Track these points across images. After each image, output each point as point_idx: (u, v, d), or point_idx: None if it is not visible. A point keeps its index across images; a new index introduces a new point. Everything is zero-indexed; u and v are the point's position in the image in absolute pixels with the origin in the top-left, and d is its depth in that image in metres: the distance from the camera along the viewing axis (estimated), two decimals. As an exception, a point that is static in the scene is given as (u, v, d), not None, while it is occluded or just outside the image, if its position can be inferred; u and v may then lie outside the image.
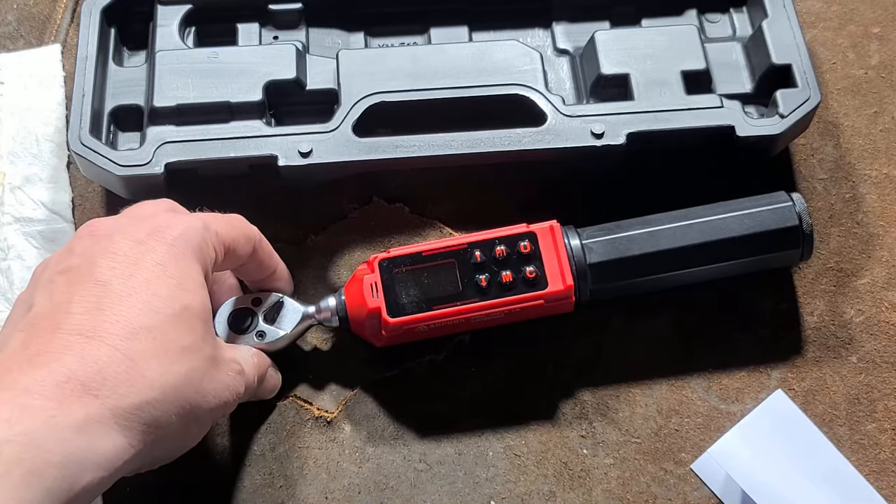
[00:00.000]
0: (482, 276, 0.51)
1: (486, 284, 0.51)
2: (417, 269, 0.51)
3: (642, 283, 0.54)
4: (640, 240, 0.53)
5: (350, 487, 0.54)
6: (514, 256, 0.51)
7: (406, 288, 0.50)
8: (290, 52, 0.61)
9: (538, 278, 0.51)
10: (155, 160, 0.57)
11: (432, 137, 0.58)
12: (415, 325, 0.50)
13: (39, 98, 0.66)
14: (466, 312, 0.51)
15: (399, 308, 0.50)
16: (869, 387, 0.57)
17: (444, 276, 0.51)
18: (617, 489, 0.55)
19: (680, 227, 0.54)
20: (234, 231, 0.49)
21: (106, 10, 0.63)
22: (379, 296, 0.50)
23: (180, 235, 0.45)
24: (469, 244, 0.51)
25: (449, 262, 0.51)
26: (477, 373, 0.58)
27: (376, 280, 0.50)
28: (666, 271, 0.54)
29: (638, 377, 0.58)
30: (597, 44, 0.62)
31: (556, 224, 0.53)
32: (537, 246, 0.51)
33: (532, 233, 0.52)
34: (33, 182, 0.63)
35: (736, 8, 0.67)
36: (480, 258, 0.51)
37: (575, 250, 0.52)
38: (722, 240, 0.54)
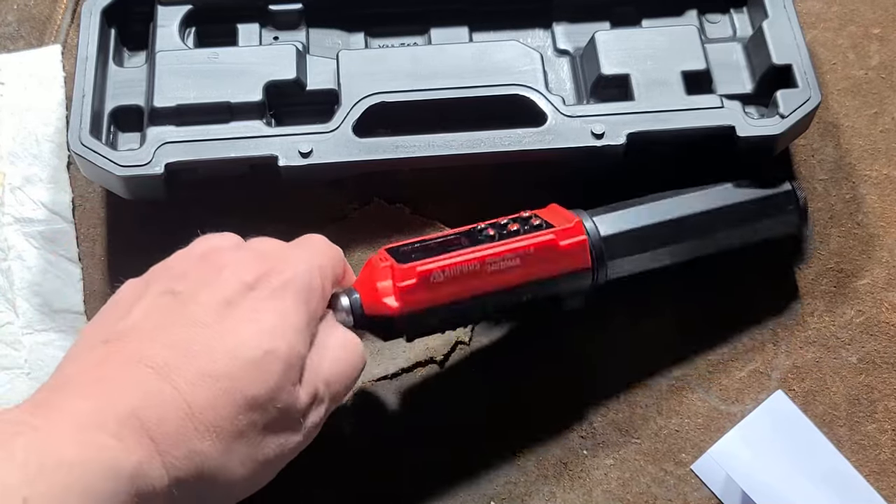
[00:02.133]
0: (490, 230, 0.51)
1: (493, 233, 0.50)
2: (426, 245, 0.50)
3: (652, 255, 0.55)
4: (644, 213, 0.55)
5: (350, 488, 0.54)
6: (525, 228, 0.51)
7: (416, 254, 0.49)
8: (290, 52, 0.61)
9: (544, 226, 0.51)
10: (155, 160, 0.57)
11: (432, 138, 0.58)
12: (427, 272, 0.48)
13: (40, 98, 0.66)
14: (478, 255, 0.49)
15: (409, 258, 0.48)
16: (869, 387, 0.57)
17: (452, 244, 0.50)
18: (617, 490, 0.55)
19: (684, 197, 0.57)
20: (336, 263, 0.49)
21: (106, 10, 0.63)
22: (388, 261, 0.48)
23: (287, 282, 0.44)
24: (479, 226, 0.52)
25: (458, 240, 0.50)
26: (477, 373, 0.58)
27: (384, 256, 0.49)
28: (676, 241, 0.55)
29: (638, 377, 0.58)
30: (597, 44, 0.62)
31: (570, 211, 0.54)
32: (546, 220, 0.52)
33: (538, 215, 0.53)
34: (33, 182, 0.63)
35: (736, 8, 0.67)
36: (491, 230, 0.51)
37: (588, 225, 0.53)
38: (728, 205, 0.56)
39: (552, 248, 0.50)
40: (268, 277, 0.43)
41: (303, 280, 0.44)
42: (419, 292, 0.47)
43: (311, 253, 0.47)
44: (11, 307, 0.59)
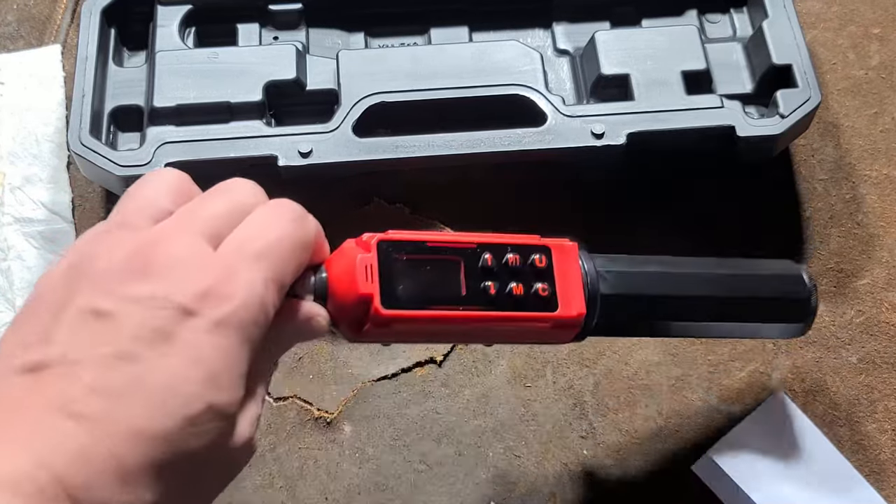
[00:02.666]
0: (491, 283, 0.44)
1: (494, 293, 0.44)
2: (420, 260, 0.43)
3: (648, 325, 0.50)
4: (655, 280, 0.49)
5: (350, 488, 0.54)
6: (527, 269, 0.45)
7: (405, 278, 0.43)
8: (290, 52, 0.61)
9: (550, 298, 0.44)
10: (155, 160, 0.57)
11: (432, 137, 0.58)
12: (407, 322, 0.42)
13: (39, 98, 0.66)
14: (467, 320, 0.43)
15: (395, 299, 0.42)
16: (869, 387, 0.57)
17: (448, 273, 0.44)
18: (617, 490, 0.55)
19: (701, 274, 0.50)
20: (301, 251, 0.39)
21: (106, 10, 0.63)
22: (374, 281, 0.42)
23: (232, 314, 0.35)
24: (478, 245, 0.44)
25: (455, 260, 0.44)
26: (477, 373, 0.58)
27: (373, 262, 0.42)
28: (677, 318, 0.49)
29: (638, 378, 0.58)
30: (597, 44, 0.62)
31: (572, 244, 0.46)
32: (551, 262, 0.45)
33: (547, 247, 0.45)
34: (33, 182, 0.63)
35: (736, 8, 0.67)
36: (491, 262, 0.44)
37: (590, 276, 0.46)
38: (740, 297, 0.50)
39: (541, 332, 0.45)
40: (209, 302, 0.35)
41: (250, 313, 0.36)
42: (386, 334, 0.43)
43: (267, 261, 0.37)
44: (11, 307, 0.59)
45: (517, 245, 0.45)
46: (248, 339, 0.36)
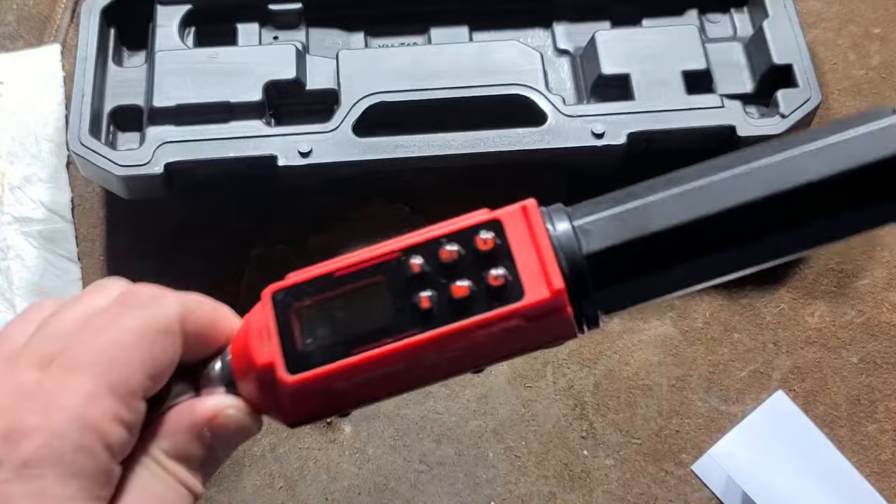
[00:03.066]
0: (423, 294, 0.33)
1: (428, 305, 0.33)
2: (328, 299, 0.34)
3: (678, 276, 0.34)
4: (665, 206, 0.33)
5: (350, 489, 0.54)
6: (470, 259, 0.33)
7: (312, 327, 0.33)
8: (289, 52, 0.61)
9: (508, 285, 0.33)
10: (154, 160, 0.57)
11: (432, 137, 0.58)
12: (329, 382, 0.33)
13: (39, 98, 0.66)
14: (405, 353, 0.33)
15: (302, 358, 0.33)
16: (870, 388, 0.57)
17: (369, 302, 0.34)
18: (618, 490, 0.54)
19: (727, 178, 0.33)
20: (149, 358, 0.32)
21: (106, 10, 0.63)
22: (272, 343, 0.33)
23: (38, 448, 0.29)
24: (403, 250, 0.34)
25: (375, 282, 0.34)
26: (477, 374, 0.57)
27: (268, 321, 0.33)
28: (716, 250, 0.33)
29: (639, 378, 0.57)
30: (597, 44, 0.62)
31: (531, 203, 0.34)
32: (504, 239, 0.33)
33: (495, 220, 0.34)
34: (32, 182, 0.63)
35: (737, 8, 0.67)
36: (419, 268, 0.33)
37: (563, 238, 0.33)
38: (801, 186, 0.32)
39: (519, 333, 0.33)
40: (9, 444, 0.29)
41: (66, 440, 0.29)
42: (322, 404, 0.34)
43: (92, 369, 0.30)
44: (11, 307, 0.59)
45: (454, 233, 0.34)
46: (73, 472, 0.29)
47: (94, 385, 0.30)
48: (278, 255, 0.60)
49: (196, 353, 0.34)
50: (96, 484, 0.30)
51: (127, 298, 0.32)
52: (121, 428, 0.30)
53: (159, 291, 0.33)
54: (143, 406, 0.31)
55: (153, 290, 0.33)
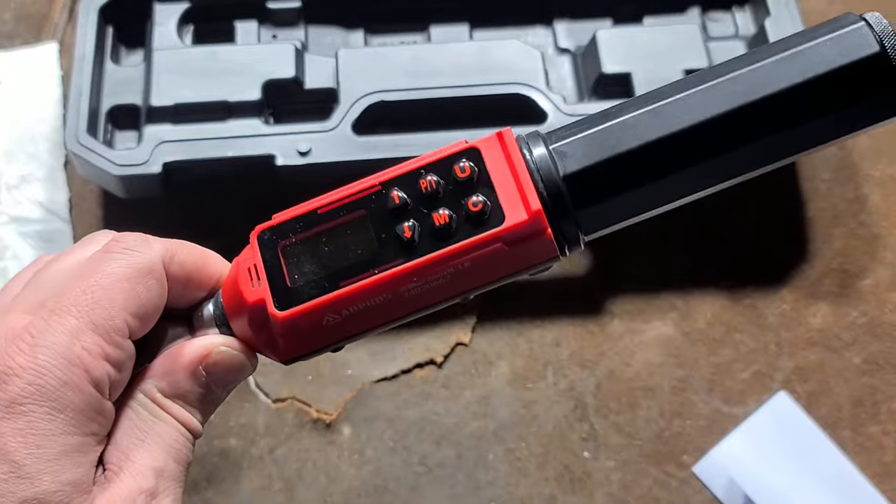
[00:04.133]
0: (405, 224, 0.34)
1: (410, 235, 0.34)
2: (314, 235, 0.35)
3: (655, 192, 0.35)
4: (638, 124, 0.34)
5: (349, 490, 0.54)
6: (450, 187, 0.34)
7: (299, 264, 0.35)
8: (288, 50, 0.61)
9: (487, 210, 0.33)
10: (152, 159, 0.56)
11: (432, 136, 0.58)
12: (319, 315, 0.34)
13: (36, 97, 0.65)
14: (391, 282, 0.34)
15: (291, 294, 0.34)
16: (873, 389, 0.57)
17: (352, 236, 0.35)
18: (619, 492, 0.54)
19: (697, 92, 0.34)
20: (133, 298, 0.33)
21: (103, 8, 0.62)
22: (262, 282, 0.34)
23: (25, 386, 0.30)
24: (383, 183, 0.35)
25: (357, 216, 0.35)
26: (477, 375, 0.57)
27: (256, 261, 0.35)
28: (689, 165, 0.34)
29: (640, 379, 0.57)
30: (598, 42, 0.62)
31: (506, 130, 0.35)
32: (482, 166, 0.34)
33: (473, 149, 0.34)
34: (30, 181, 0.63)
35: (739, 6, 0.66)
36: (399, 200, 0.34)
37: (539, 161, 0.34)
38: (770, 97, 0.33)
39: (501, 258, 0.34)
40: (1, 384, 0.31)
41: (52, 378, 0.31)
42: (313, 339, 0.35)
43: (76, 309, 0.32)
44: (7, 307, 0.59)
45: (432, 163, 0.35)
46: (60, 407, 0.31)
47: (77, 323, 0.31)
48: (277, 255, 0.60)
49: (186, 296, 0.35)
50: (85, 418, 0.31)
51: (111, 246, 0.33)
52: (107, 364, 0.31)
53: (143, 237, 0.34)
54: (129, 345, 0.32)
55: (137, 236, 0.34)
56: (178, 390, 0.33)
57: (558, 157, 0.34)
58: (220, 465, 0.55)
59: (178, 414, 0.33)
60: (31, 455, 0.30)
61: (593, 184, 0.34)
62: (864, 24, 0.33)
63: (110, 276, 0.32)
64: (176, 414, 0.33)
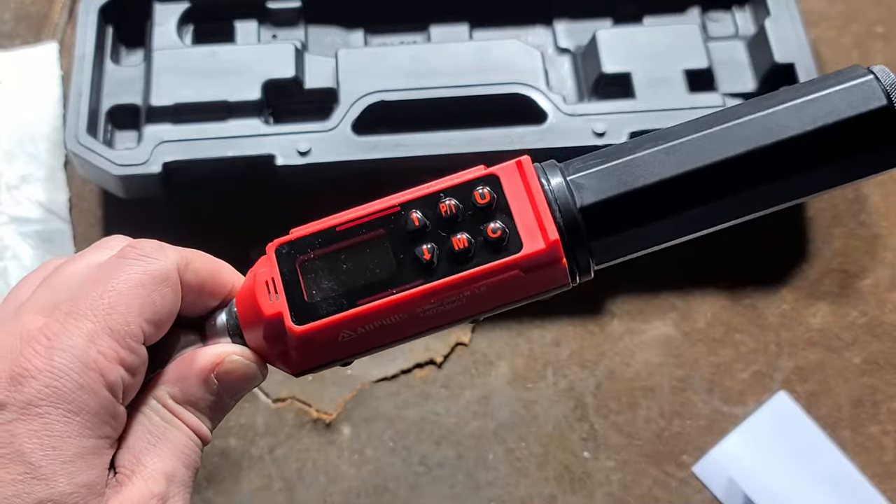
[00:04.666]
0: (424, 247, 0.35)
1: (430, 258, 0.35)
2: (332, 252, 0.36)
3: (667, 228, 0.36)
4: (654, 161, 0.35)
5: (349, 490, 0.54)
6: (469, 212, 0.35)
7: (317, 280, 0.35)
8: (288, 50, 0.61)
9: (506, 237, 0.35)
10: (152, 159, 0.56)
11: (432, 136, 0.58)
12: (336, 332, 0.35)
13: (36, 97, 0.65)
14: (408, 303, 0.35)
15: (308, 309, 0.35)
16: (873, 389, 0.57)
17: (371, 255, 0.36)
18: (619, 492, 0.54)
19: (711, 134, 0.35)
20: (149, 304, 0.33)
21: (103, 8, 0.62)
22: (279, 296, 0.35)
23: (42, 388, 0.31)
24: (402, 204, 0.36)
25: (377, 235, 0.36)
26: (477, 375, 0.57)
27: (274, 274, 0.35)
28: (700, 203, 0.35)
29: (640, 379, 0.57)
30: (598, 42, 0.62)
31: (525, 159, 0.36)
32: (501, 193, 0.35)
33: (492, 175, 0.36)
34: (30, 181, 0.63)
35: (739, 6, 0.66)
36: (419, 222, 0.35)
37: (557, 191, 0.35)
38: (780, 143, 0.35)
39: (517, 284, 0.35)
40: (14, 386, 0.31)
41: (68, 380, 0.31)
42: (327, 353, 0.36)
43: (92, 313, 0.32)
44: None
45: (452, 187, 0.36)
46: (75, 409, 0.31)
47: (94, 328, 0.31)
48: (277, 255, 0.60)
49: (199, 304, 0.36)
50: (99, 421, 0.31)
51: (127, 252, 0.34)
52: (121, 369, 0.32)
53: (159, 245, 0.34)
54: (143, 351, 0.32)
55: (153, 243, 0.34)
56: (190, 397, 0.34)
57: (575, 189, 0.35)
58: (220, 464, 0.55)
59: (189, 420, 0.34)
60: (46, 457, 0.31)
61: (609, 216, 0.35)
62: (872, 77, 0.35)
63: (127, 281, 0.33)
64: (187, 420, 0.34)
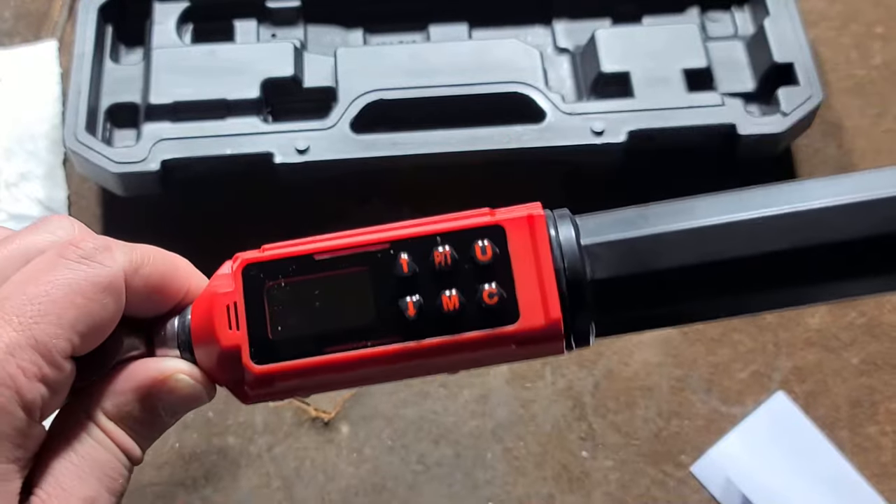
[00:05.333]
0: (410, 300, 0.30)
1: (414, 314, 0.30)
2: (305, 283, 0.31)
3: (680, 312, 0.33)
4: (679, 243, 0.31)
5: (347, 489, 0.54)
6: (466, 266, 0.31)
7: (284, 314, 0.31)
8: (287, 49, 0.61)
9: (503, 305, 0.30)
10: (151, 157, 0.56)
11: (431, 135, 0.58)
12: (297, 376, 0.31)
13: (35, 95, 0.65)
14: (383, 360, 0.30)
15: (271, 348, 0.31)
16: (870, 389, 0.57)
17: (348, 295, 0.31)
18: (617, 492, 0.54)
19: (746, 222, 0.31)
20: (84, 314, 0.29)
21: (103, 7, 0.62)
22: (240, 325, 0.31)
23: None
24: (392, 242, 0.31)
25: (358, 272, 0.31)
26: (476, 374, 0.57)
27: (237, 299, 0.31)
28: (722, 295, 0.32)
29: (638, 379, 0.57)
30: (597, 41, 0.62)
31: (537, 212, 0.32)
32: (505, 249, 0.31)
33: (498, 227, 0.31)
34: (29, 179, 0.63)
35: (738, 6, 0.66)
36: (408, 268, 0.31)
37: (568, 256, 0.31)
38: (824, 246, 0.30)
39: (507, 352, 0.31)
40: None
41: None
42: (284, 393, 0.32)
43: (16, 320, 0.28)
44: None
45: (451, 232, 0.31)
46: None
47: (17, 337, 0.27)
48: (275, 254, 0.60)
49: (147, 307, 0.31)
50: (11, 445, 0.28)
51: (68, 251, 0.29)
52: (42, 386, 0.28)
53: (104, 244, 0.30)
54: (70, 366, 0.29)
55: (99, 243, 0.30)
56: (124, 413, 0.30)
57: (589, 257, 0.31)
58: (218, 463, 0.55)
59: (120, 439, 0.30)
60: None
61: (621, 295, 0.31)
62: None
63: (63, 287, 0.28)
64: (117, 439, 0.30)
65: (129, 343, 0.31)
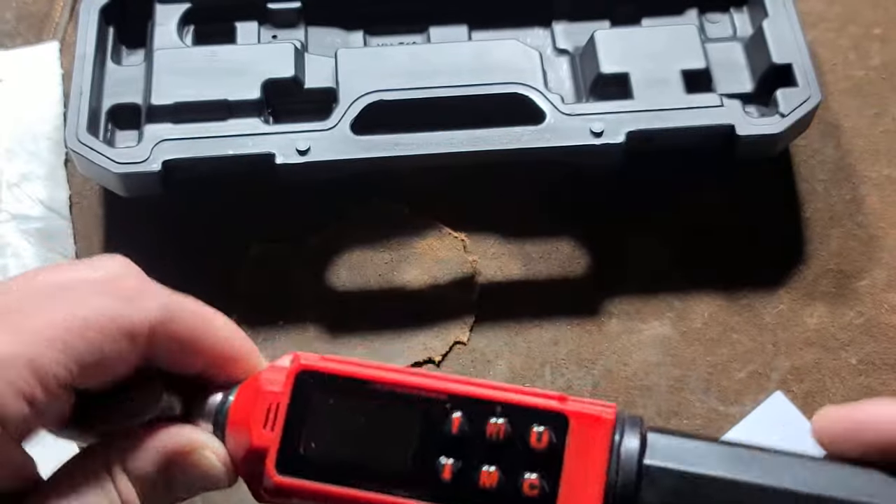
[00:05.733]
0: (448, 463, 0.30)
1: (449, 478, 0.29)
2: (354, 407, 0.31)
3: None
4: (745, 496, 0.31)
5: (346, 487, 0.54)
6: (517, 446, 0.30)
7: (321, 432, 0.30)
8: (288, 50, 0.61)
9: (541, 500, 0.29)
10: (152, 158, 0.57)
11: (431, 136, 0.58)
12: (313, 496, 0.30)
13: (37, 96, 0.66)
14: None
15: (297, 462, 0.30)
16: (869, 389, 0.57)
17: (389, 433, 0.31)
18: (615, 490, 0.54)
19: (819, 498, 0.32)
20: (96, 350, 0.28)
21: (105, 8, 0.63)
22: (276, 428, 0.30)
23: None
24: (451, 396, 0.30)
25: (409, 414, 0.31)
26: (476, 373, 0.57)
27: (281, 401, 0.31)
28: None
29: (637, 378, 0.57)
30: (596, 42, 0.62)
31: (607, 415, 0.30)
32: (562, 442, 0.30)
33: (562, 415, 0.30)
34: (30, 179, 0.63)
35: (736, 8, 0.67)
36: (458, 429, 0.30)
37: (624, 470, 0.30)
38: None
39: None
40: None
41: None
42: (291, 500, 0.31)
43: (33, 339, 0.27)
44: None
45: (514, 405, 0.30)
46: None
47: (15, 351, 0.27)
48: (276, 254, 0.60)
49: (175, 362, 0.31)
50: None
51: (106, 285, 0.29)
52: (25, 405, 0.27)
53: (142, 288, 0.30)
54: (66, 394, 0.28)
55: (139, 285, 0.30)
56: (138, 471, 0.29)
57: (646, 479, 0.29)
58: (218, 462, 0.55)
59: (124, 492, 0.29)
60: None
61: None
62: None
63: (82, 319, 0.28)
64: (122, 491, 0.29)
65: (168, 402, 0.31)
